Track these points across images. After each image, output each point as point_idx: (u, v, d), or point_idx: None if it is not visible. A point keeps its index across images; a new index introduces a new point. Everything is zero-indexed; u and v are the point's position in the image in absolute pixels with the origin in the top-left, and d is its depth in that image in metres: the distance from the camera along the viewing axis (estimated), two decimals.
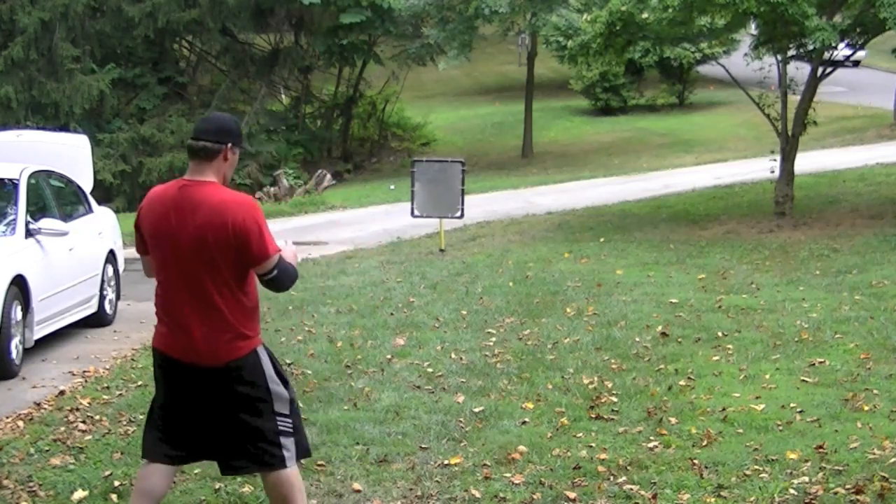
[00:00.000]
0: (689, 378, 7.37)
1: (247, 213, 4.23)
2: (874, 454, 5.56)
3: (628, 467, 5.56)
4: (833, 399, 6.68)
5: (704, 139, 32.07)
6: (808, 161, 20.45)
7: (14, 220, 9.07)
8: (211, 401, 4.31)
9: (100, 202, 11.75)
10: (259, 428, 4.32)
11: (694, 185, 21.37)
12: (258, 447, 4.33)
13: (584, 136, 35.33)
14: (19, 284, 8.46)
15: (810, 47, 15.76)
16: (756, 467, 5.48)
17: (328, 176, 25.56)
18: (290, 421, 4.41)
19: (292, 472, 4.40)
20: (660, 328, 8.96)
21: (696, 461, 5.59)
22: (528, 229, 16.96)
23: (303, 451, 4.50)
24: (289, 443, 4.39)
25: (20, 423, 6.82)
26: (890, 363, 7.53)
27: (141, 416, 6.87)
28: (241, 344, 4.29)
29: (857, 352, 7.87)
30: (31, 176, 9.60)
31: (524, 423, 6.47)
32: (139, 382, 7.84)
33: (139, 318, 10.86)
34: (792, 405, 6.57)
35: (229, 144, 4.37)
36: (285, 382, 4.44)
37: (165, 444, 4.41)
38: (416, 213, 14.97)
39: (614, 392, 7.05)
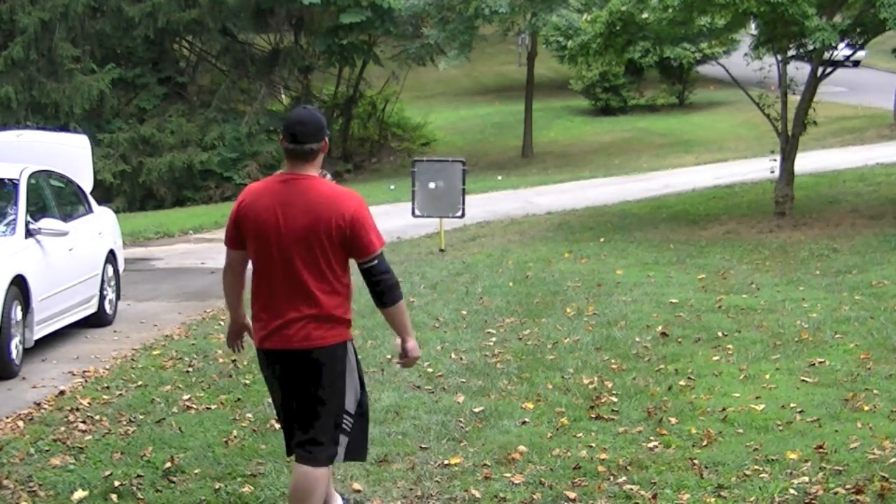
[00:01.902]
0: (689, 378, 7.37)
1: (358, 205, 4.48)
2: (874, 454, 5.56)
3: (628, 467, 5.56)
4: (833, 399, 6.67)
5: (704, 139, 32.08)
6: (808, 161, 20.45)
7: (14, 220, 9.07)
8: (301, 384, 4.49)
9: (100, 202, 11.75)
10: (324, 415, 4.48)
11: (694, 185, 21.37)
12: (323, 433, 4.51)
13: (584, 136, 35.34)
14: (19, 284, 8.46)
15: (810, 47, 15.76)
16: (756, 467, 5.48)
17: (328, 176, 25.48)
18: (351, 421, 4.56)
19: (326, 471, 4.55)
20: (660, 328, 8.96)
21: (696, 461, 5.59)
22: (528, 229, 16.96)
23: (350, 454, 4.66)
24: (342, 440, 4.56)
25: (20, 423, 6.82)
26: (890, 363, 7.52)
27: (141, 416, 6.88)
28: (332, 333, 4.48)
29: (857, 352, 7.87)
30: (31, 176, 9.60)
31: (524, 423, 6.47)
32: (139, 382, 7.84)
33: (139, 318, 10.86)
34: (792, 405, 6.57)
35: (327, 138, 4.60)
36: (363, 385, 4.65)
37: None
38: (417, 213, 14.97)
39: (614, 392, 7.05)
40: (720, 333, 8.71)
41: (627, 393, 7.01)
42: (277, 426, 6.51)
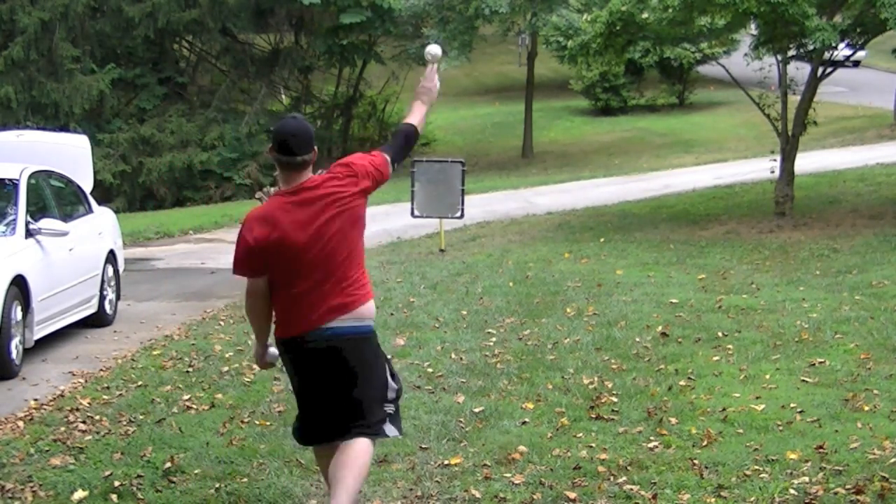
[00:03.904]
0: (689, 378, 7.37)
1: None
2: (874, 454, 5.55)
3: (628, 467, 5.56)
4: (833, 399, 6.67)
5: (704, 139, 32.08)
6: (808, 161, 20.46)
7: (14, 220, 9.07)
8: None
9: (100, 202, 11.75)
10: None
11: (694, 185, 21.37)
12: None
13: (585, 136, 35.34)
14: (19, 284, 8.46)
15: (810, 47, 15.76)
16: (756, 467, 5.48)
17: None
18: None
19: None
20: (660, 328, 8.96)
21: (696, 461, 5.59)
22: (528, 229, 16.96)
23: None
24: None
25: (20, 423, 6.82)
26: (890, 363, 7.52)
27: (141, 416, 6.87)
28: None
29: (857, 352, 7.87)
30: (31, 176, 9.60)
31: (524, 423, 6.46)
32: (139, 382, 7.84)
33: (139, 318, 10.86)
34: (792, 405, 6.57)
35: (315, 147, 4.74)
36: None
37: None
38: (416, 213, 14.96)
39: (614, 392, 7.05)
40: (720, 333, 8.71)
41: (627, 393, 7.01)
42: (274, 426, 6.52)
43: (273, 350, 4.84)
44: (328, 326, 4.58)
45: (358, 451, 4.56)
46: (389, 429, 4.73)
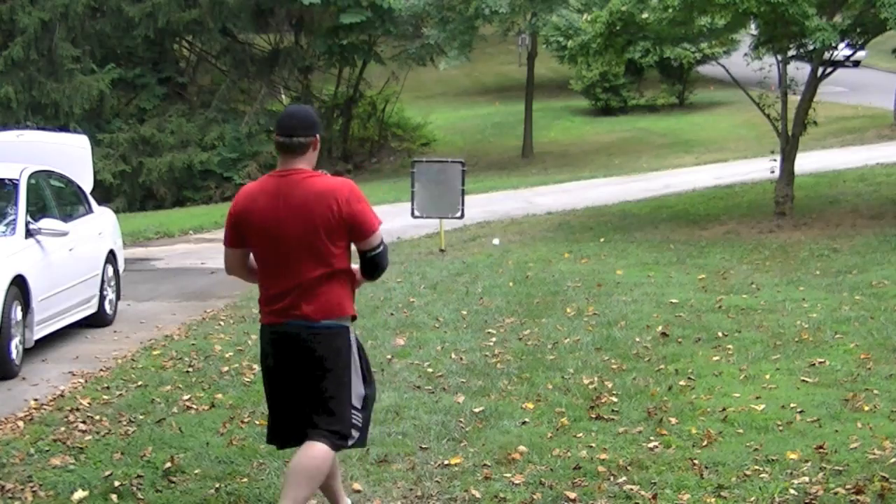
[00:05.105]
0: (689, 378, 7.37)
1: (352, 193, 4.51)
2: (874, 454, 5.56)
3: (628, 467, 5.56)
4: (833, 399, 6.67)
5: (704, 139, 32.08)
6: (808, 161, 20.45)
7: (14, 220, 9.07)
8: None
9: (100, 202, 11.75)
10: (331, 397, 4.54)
11: (694, 185, 21.37)
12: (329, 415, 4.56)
13: (585, 136, 35.34)
14: (19, 284, 8.47)
15: (810, 47, 15.76)
16: (756, 467, 5.48)
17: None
18: (359, 414, 4.64)
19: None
20: (660, 328, 8.96)
21: (696, 461, 5.59)
22: (528, 229, 16.96)
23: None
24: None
25: (20, 424, 6.82)
26: (890, 363, 7.52)
27: (141, 416, 6.87)
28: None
29: (857, 352, 7.87)
30: (31, 176, 9.61)
31: (524, 423, 6.47)
32: (139, 382, 7.84)
33: (139, 318, 10.87)
34: (792, 405, 6.57)
35: (317, 135, 4.61)
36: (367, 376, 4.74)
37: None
38: (417, 213, 14.96)
39: (614, 392, 7.05)
40: (720, 333, 8.71)
41: (627, 393, 7.01)
42: None
43: None
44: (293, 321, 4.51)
45: (316, 454, 4.44)
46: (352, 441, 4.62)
